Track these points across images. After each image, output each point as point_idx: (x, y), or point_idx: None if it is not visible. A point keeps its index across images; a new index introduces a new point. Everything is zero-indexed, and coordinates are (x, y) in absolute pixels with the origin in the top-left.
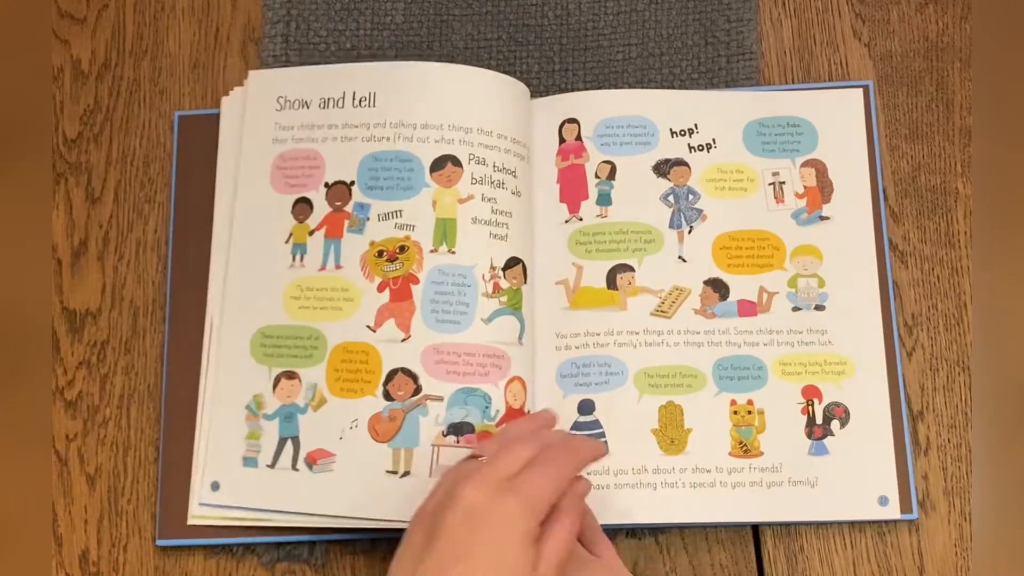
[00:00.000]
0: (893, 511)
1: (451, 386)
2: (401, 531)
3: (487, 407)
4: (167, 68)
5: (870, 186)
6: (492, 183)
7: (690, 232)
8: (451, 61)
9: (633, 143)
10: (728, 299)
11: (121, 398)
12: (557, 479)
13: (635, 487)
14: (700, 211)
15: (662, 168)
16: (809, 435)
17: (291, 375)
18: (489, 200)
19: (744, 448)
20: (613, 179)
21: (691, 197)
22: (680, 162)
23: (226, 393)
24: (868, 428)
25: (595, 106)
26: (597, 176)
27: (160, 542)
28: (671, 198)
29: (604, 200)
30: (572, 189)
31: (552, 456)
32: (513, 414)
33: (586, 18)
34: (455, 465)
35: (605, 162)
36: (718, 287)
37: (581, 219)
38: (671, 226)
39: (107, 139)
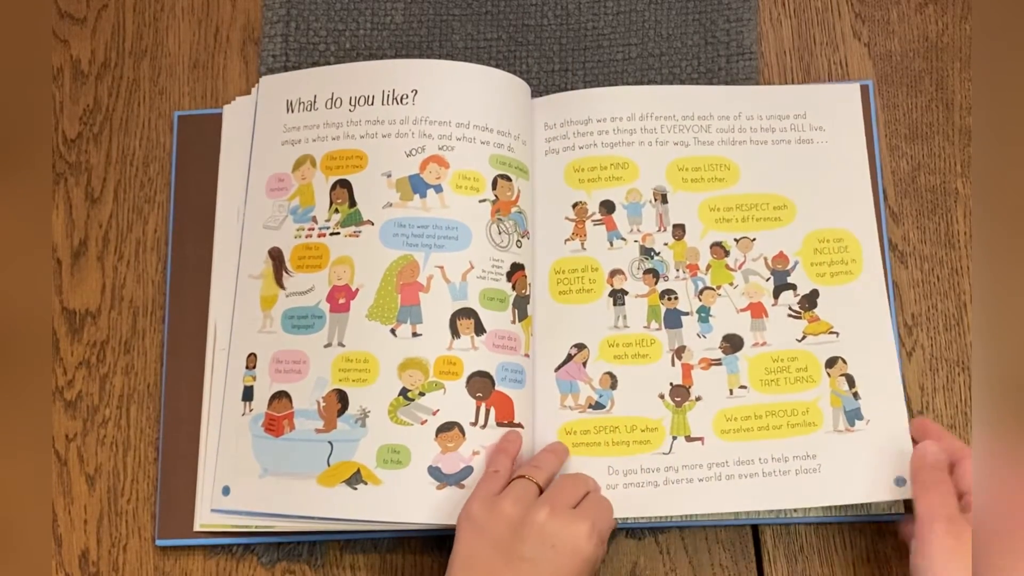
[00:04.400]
0: (909, 491)
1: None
2: (407, 531)
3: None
4: (167, 68)
5: (871, 185)
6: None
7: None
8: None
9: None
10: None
11: (121, 398)
12: (608, 515)
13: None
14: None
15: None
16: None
17: None
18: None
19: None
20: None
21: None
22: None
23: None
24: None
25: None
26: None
27: (160, 542)
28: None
29: None
30: None
31: (597, 499)
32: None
33: (586, 18)
34: (496, 473)
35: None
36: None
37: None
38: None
39: (107, 139)
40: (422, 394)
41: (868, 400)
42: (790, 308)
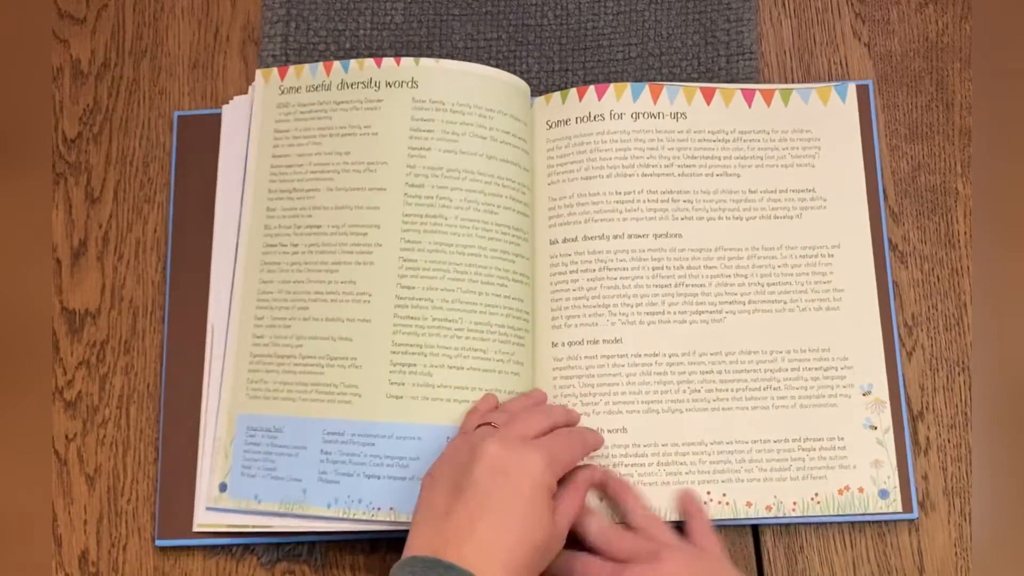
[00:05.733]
0: (894, 504)
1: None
2: (404, 530)
3: None
4: (167, 68)
5: (866, 185)
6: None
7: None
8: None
9: None
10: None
11: (121, 398)
12: (571, 448)
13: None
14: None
15: None
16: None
17: None
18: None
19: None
20: None
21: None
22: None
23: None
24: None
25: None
26: None
27: (159, 542)
28: None
29: None
30: None
31: (563, 433)
32: None
33: (586, 18)
34: (467, 432)
35: None
36: None
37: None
38: None
39: (107, 139)
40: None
41: None
42: None
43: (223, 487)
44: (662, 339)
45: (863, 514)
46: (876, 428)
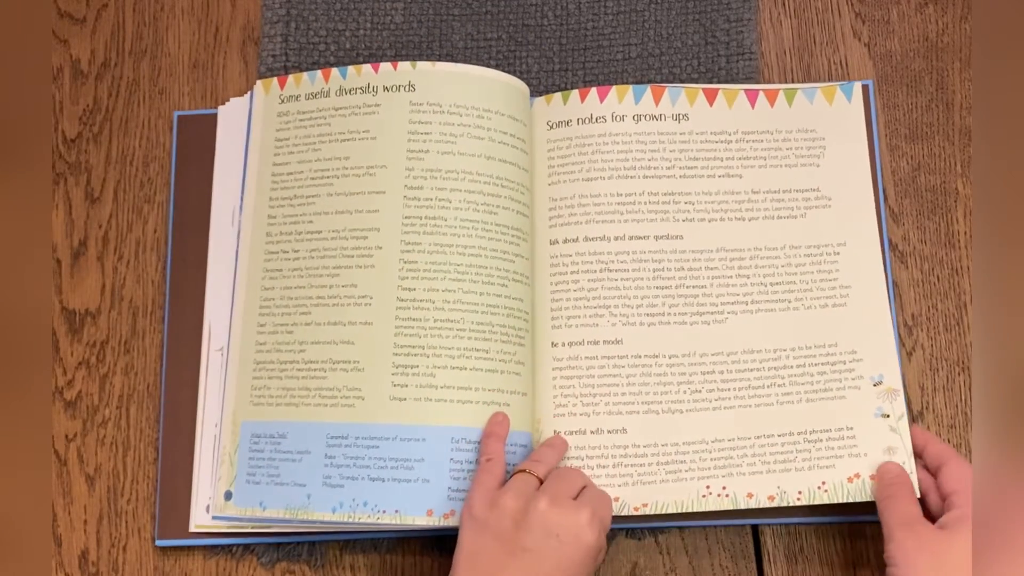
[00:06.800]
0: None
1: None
2: (410, 530)
3: None
4: (166, 68)
5: (872, 183)
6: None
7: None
8: (451, 61)
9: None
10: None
11: (121, 398)
12: (607, 505)
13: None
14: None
15: None
16: None
17: None
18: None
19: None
20: None
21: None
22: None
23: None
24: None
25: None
26: None
27: (159, 542)
28: None
29: None
30: None
31: (597, 491)
32: None
33: (586, 18)
34: (491, 460)
35: None
36: None
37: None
38: None
39: (106, 139)
40: None
41: None
42: None
43: (228, 495)
44: (662, 340)
45: (868, 516)
46: (889, 416)
